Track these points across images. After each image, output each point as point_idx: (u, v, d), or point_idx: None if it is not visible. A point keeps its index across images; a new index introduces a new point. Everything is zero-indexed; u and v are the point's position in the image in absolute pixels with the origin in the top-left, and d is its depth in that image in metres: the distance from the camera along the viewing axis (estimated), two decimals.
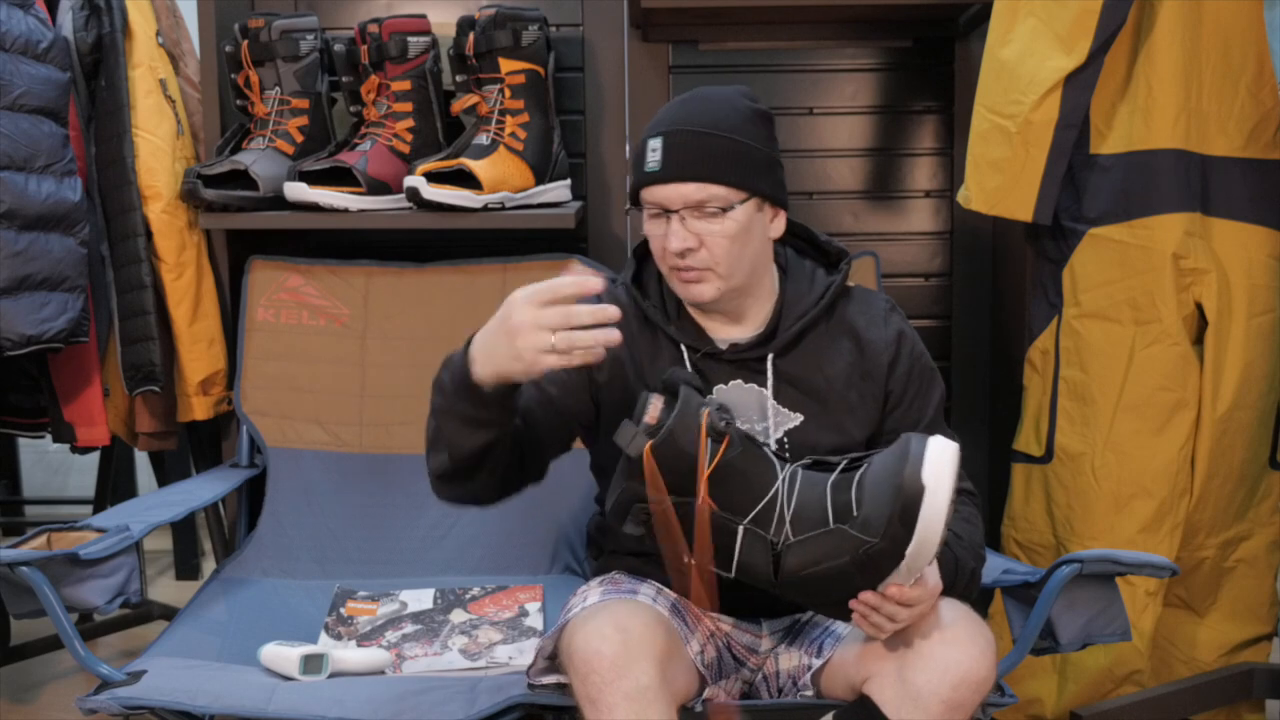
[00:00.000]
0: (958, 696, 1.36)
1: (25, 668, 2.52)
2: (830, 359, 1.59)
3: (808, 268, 1.65)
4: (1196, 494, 1.99)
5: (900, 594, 1.33)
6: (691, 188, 1.49)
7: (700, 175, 1.50)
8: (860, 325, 1.61)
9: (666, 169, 1.50)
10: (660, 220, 1.53)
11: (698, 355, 1.59)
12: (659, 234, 1.53)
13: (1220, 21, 1.94)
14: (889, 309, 1.64)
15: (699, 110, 1.53)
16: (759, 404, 1.58)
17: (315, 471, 2.16)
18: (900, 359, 1.60)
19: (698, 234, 1.50)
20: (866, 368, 1.59)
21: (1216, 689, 2.05)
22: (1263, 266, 1.99)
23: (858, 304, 1.63)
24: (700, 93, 1.57)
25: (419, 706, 1.54)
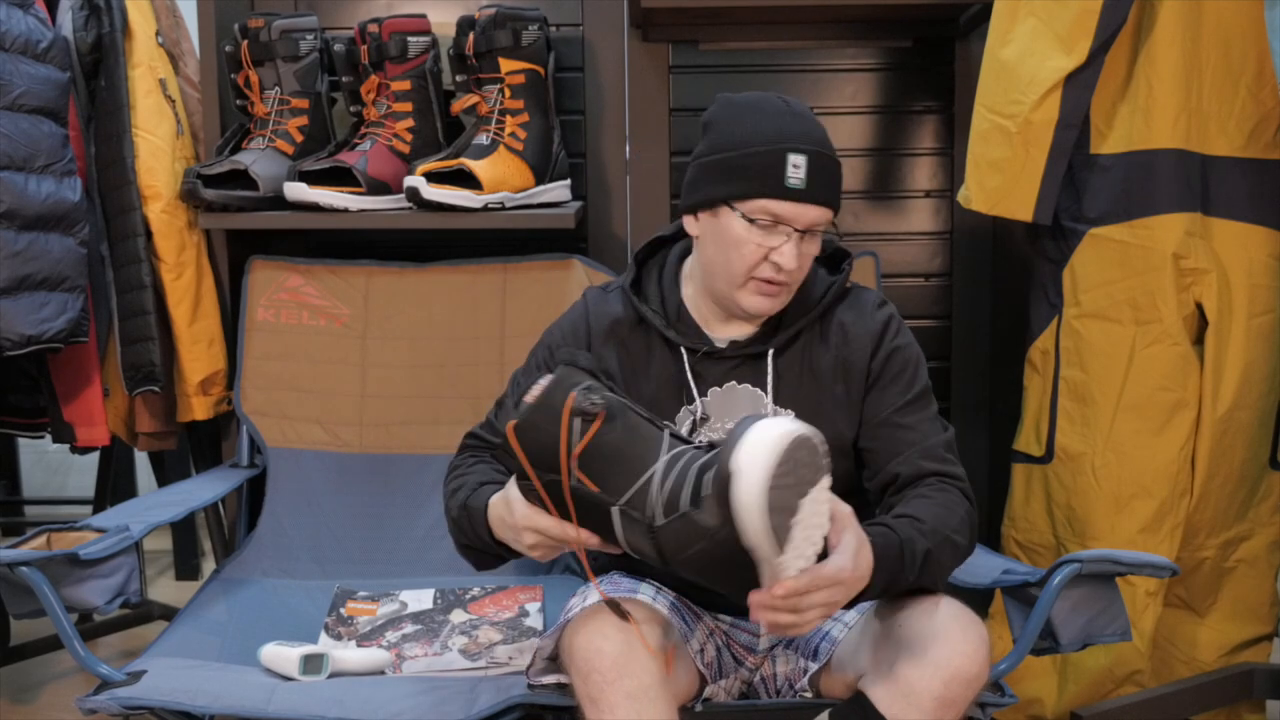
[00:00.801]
0: (950, 693, 1.36)
1: (25, 668, 2.52)
2: (820, 355, 1.59)
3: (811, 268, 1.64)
4: (1197, 494, 1.99)
5: (786, 589, 1.24)
6: (826, 212, 1.51)
7: (833, 201, 1.52)
8: (849, 320, 1.61)
9: (813, 191, 1.49)
10: (772, 233, 1.50)
11: (696, 356, 1.59)
12: (763, 245, 1.50)
13: (1220, 21, 1.94)
14: (878, 303, 1.63)
15: (817, 129, 1.52)
16: (752, 404, 1.58)
17: (315, 471, 2.16)
18: (882, 345, 1.59)
19: (804, 252, 1.52)
20: (852, 360, 1.58)
21: (1217, 689, 2.05)
22: (1263, 266, 1.98)
23: (849, 301, 1.63)
24: (797, 106, 1.54)
25: (419, 706, 1.54)
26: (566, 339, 1.64)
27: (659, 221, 2.37)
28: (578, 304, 1.69)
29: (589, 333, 1.63)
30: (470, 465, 1.60)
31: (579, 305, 1.68)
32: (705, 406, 1.59)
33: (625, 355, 1.61)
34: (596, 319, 1.64)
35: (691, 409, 1.59)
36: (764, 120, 1.51)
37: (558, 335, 1.66)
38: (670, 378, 1.60)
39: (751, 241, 1.50)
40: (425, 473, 2.16)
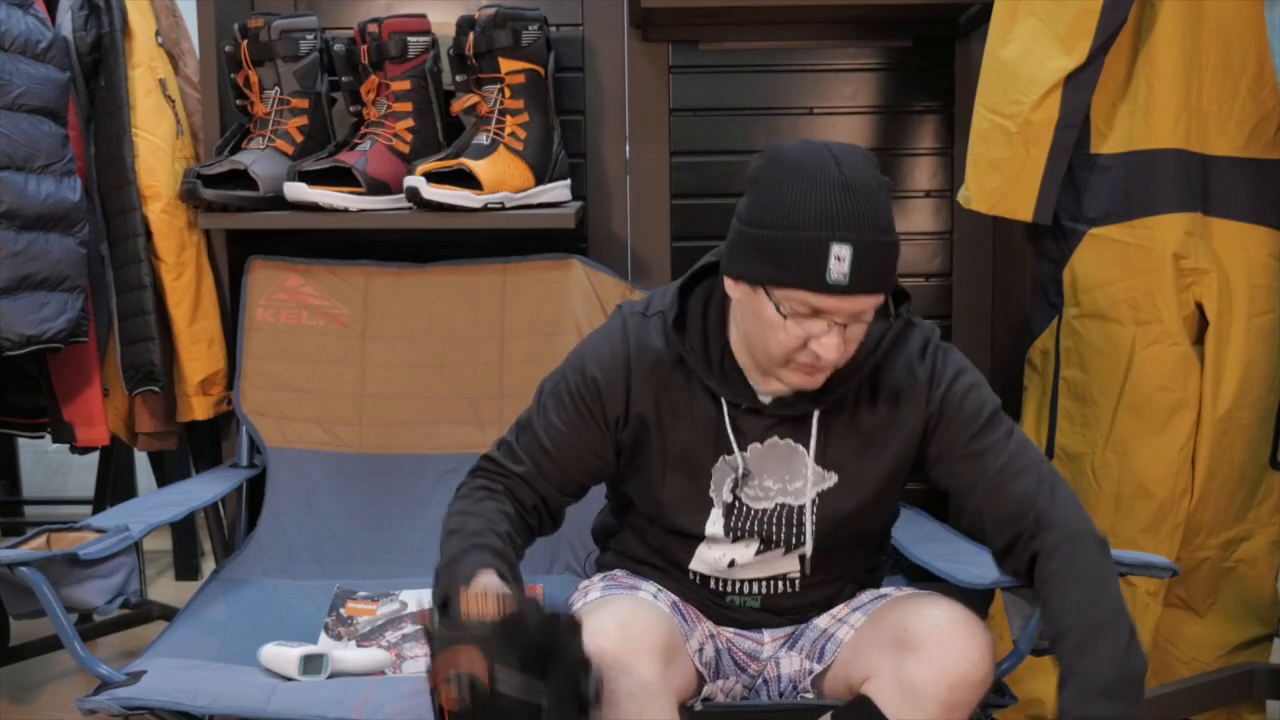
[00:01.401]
0: (955, 697, 1.36)
1: (25, 668, 2.51)
2: (867, 413, 1.51)
3: None
4: (1197, 494, 1.98)
5: None
6: (874, 300, 1.37)
7: (881, 288, 1.37)
8: (898, 374, 1.50)
9: (857, 283, 1.33)
10: (812, 322, 1.36)
11: (738, 410, 1.50)
12: (802, 333, 1.37)
13: (1221, 21, 1.94)
14: (921, 347, 1.52)
15: (872, 208, 1.34)
16: (795, 464, 1.51)
17: (315, 471, 2.16)
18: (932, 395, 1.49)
19: (850, 340, 1.40)
20: (903, 416, 1.50)
21: (1217, 689, 2.05)
22: (1263, 266, 1.98)
23: (898, 349, 1.51)
24: (853, 173, 1.35)
25: (419, 706, 1.54)
26: (604, 379, 1.51)
27: (659, 221, 2.38)
28: (616, 328, 1.54)
29: (629, 369, 1.51)
30: (479, 500, 1.52)
31: (618, 331, 1.54)
32: (746, 462, 1.51)
33: (665, 396, 1.51)
34: (638, 354, 1.51)
35: (732, 463, 1.50)
36: (810, 197, 1.33)
37: (593, 367, 1.52)
38: (709, 426, 1.50)
39: (788, 330, 1.37)
40: (425, 473, 2.16)
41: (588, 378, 1.52)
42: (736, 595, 1.58)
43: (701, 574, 1.58)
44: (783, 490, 1.52)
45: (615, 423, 1.52)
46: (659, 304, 1.54)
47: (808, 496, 1.52)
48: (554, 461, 1.53)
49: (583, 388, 1.52)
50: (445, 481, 2.14)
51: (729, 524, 1.53)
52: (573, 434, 1.52)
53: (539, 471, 1.54)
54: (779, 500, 1.52)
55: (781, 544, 1.54)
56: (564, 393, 1.53)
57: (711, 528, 1.53)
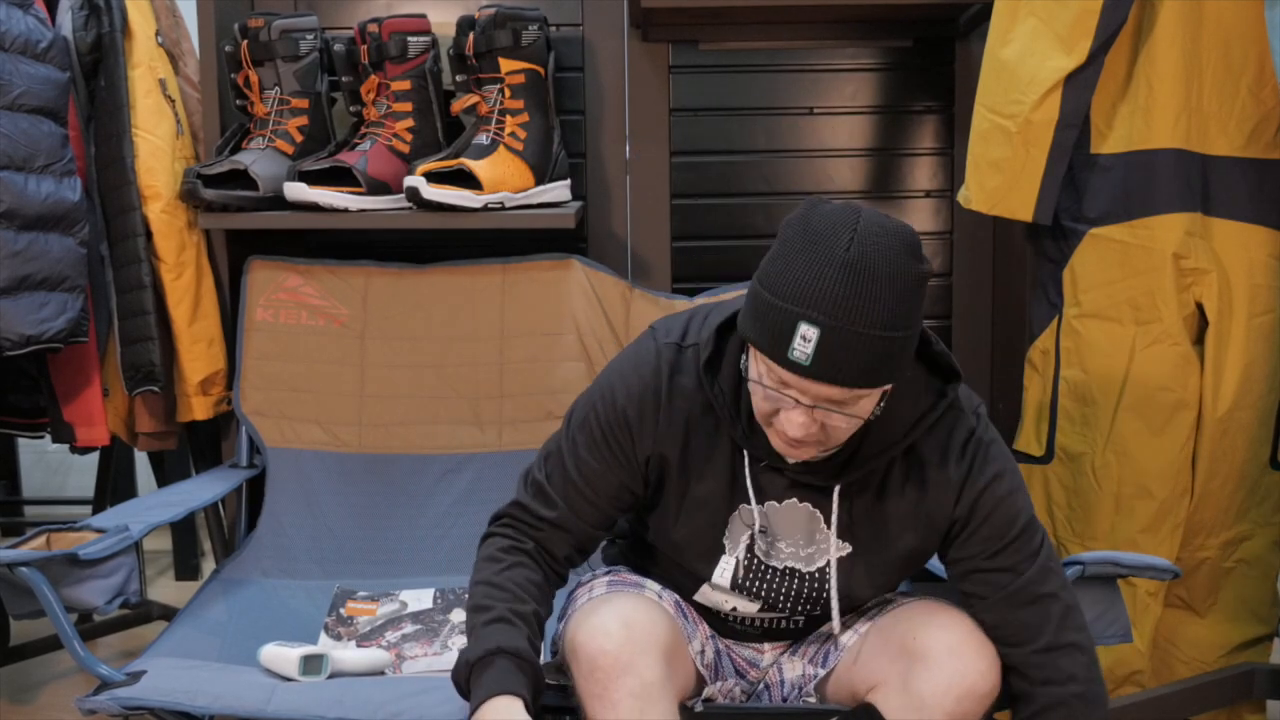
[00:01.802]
0: (962, 709, 1.35)
1: (25, 668, 2.51)
2: (893, 497, 1.44)
3: (910, 387, 1.40)
4: (1197, 494, 1.98)
5: None
6: (837, 391, 1.27)
7: (853, 381, 1.26)
8: (931, 462, 1.42)
9: (818, 367, 1.25)
10: (780, 395, 1.31)
11: (760, 466, 1.44)
12: (771, 405, 1.32)
13: (1221, 21, 1.93)
14: (964, 439, 1.42)
15: (865, 293, 1.23)
16: (810, 528, 1.46)
17: (315, 472, 2.16)
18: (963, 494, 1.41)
19: (822, 422, 1.31)
20: (929, 510, 1.43)
21: (1217, 689, 2.05)
22: (1263, 266, 1.98)
23: (937, 433, 1.42)
24: (864, 253, 1.24)
25: (419, 706, 1.54)
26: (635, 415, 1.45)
27: (659, 221, 2.38)
28: (649, 357, 1.46)
29: (658, 407, 1.44)
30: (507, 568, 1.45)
31: (650, 361, 1.46)
32: (764, 517, 1.46)
33: (691, 439, 1.45)
34: (669, 393, 1.44)
35: (747, 515, 1.46)
36: (803, 267, 1.25)
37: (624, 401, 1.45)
38: (730, 478, 1.45)
39: (762, 395, 1.33)
40: (425, 473, 2.16)
41: (619, 410, 1.45)
42: (738, 625, 1.57)
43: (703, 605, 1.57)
44: (795, 555, 1.48)
45: (645, 460, 1.46)
46: (695, 335, 1.46)
47: (820, 564, 1.47)
48: (586, 499, 1.48)
49: (614, 423, 1.45)
50: (445, 481, 2.15)
51: (737, 576, 1.49)
52: (605, 470, 1.46)
53: (572, 512, 1.48)
54: (789, 564, 1.48)
55: (787, 610, 1.51)
56: (594, 425, 1.47)
57: (719, 576, 1.49)
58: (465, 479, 2.14)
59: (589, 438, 1.47)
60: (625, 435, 1.45)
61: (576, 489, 1.47)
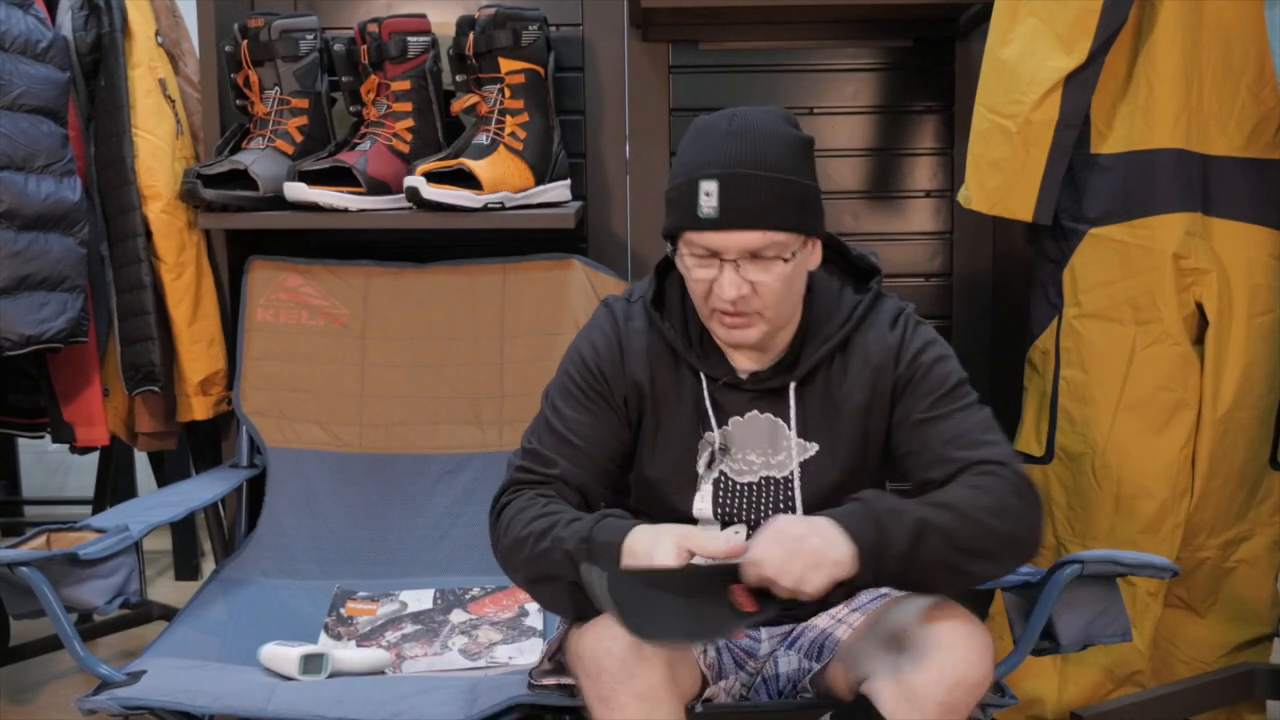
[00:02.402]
0: (954, 698, 1.36)
1: (25, 668, 2.51)
2: (842, 385, 1.53)
3: (834, 286, 1.56)
4: (1197, 494, 1.98)
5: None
6: (752, 236, 1.40)
7: (761, 223, 1.40)
8: (870, 344, 1.53)
9: (726, 216, 1.39)
10: (709, 265, 1.43)
11: (717, 385, 1.53)
12: (706, 278, 1.43)
13: (1221, 21, 1.93)
14: (893, 318, 1.55)
15: (752, 146, 1.41)
16: (775, 436, 1.53)
17: (315, 472, 2.16)
18: (900, 359, 1.52)
19: (751, 280, 1.42)
20: (876, 384, 1.52)
21: (1217, 689, 2.05)
22: (1263, 266, 1.98)
23: (869, 321, 1.54)
24: (745, 123, 1.43)
25: (419, 706, 1.54)
26: (604, 362, 1.54)
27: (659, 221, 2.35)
28: (605, 317, 1.58)
29: (623, 355, 1.54)
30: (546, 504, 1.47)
31: (607, 320, 1.58)
32: (726, 437, 1.53)
33: (657, 376, 1.54)
34: (628, 337, 1.55)
35: (709, 439, 1.53)
36: (696, 149, 1.44)
37: (591, 355, 1.55)
38: (694, 406, 1.54)
39: (700, 277, 1.44)
40: (425, 473, 2.16)
41: (589, 365, 1.54)
42: None
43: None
44: (766, 464, 1.54)
45: (624, 400, 1.54)
46: (640, 291, 1.59)
47: (791, 468, 1.54)
48: (582, 453, 1.51)
49: (588, 376, 1.54)
50: (445, 481, 2.15)
51: (716, 500, 1.54)
52: (593, 421, 1.52)
53: (574, 466, 1.51)
54: (763, 474, 1.54)
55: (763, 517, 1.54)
56: (571, 386, 1.54)
57: (700, 505, 1.54)
58: (465, 479, 2.14)
59: (568, 397, 1.54)
60: (601, 383, 1.53)
61: (571, 446, 1.51)
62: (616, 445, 1.55)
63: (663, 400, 1.54)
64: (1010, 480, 1.42)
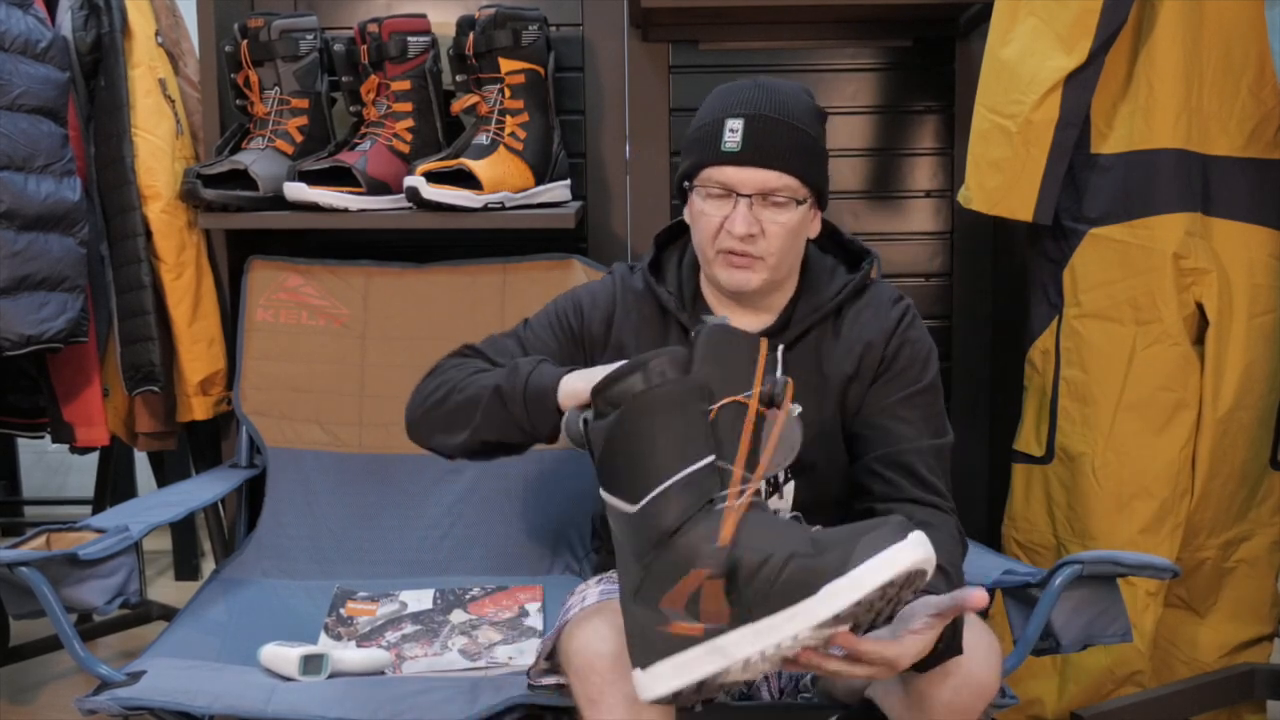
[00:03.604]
0: (960, 701, 1.35)
1: (24, 668, 2.51)
2: (832, 357, 1.57)
3: (829, 264, 1.64)
4: (1197, 494, 1.98)
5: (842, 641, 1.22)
6: (771, 175, 1.49)
7: (780, 163, 1.49)
8: (865, 318, 1.59)
9: (749, 151, 1.49)
10: (724, 201, 1.51)
11: None
12: (718, 214, 1.51)
13: (1221, 21, 1.94)
14: (894, 299, 1.61)
15: (777, 98, 1.51)
16: None
17: (315, 472, 2.16)
18: (893, 338, 1.57)
19: (761, 221, 1.50)
20: (865, 357, 1.57)
21: (1217, 689, 2.05)
22: (1264, 266, 1.98)
23: (866, 299, 1.61)
24: (769, 82, 1.55)
25: (419, 706, 1.54)
26: (590, 306, 1.65)
27: (659, 221, 2.37)
28: (607, 279, 1.70)
29: (614, 305, 1.64)
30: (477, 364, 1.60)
31: (609, 279, 1.69)
32: None
33: (644, 331, 1.62)
34: (623, 292, 1.65)
35: None
36: (720, 97, 1.55)
37: (586, 300, 1.67)
38: None
39: (712, 213, 1.52)
40: (425, 473, 2.15)
41: (575, 301, 1.66)
42: None
43: None
44: None
45: (592, 341, 1.63)
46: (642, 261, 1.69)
47: None
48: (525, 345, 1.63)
49: (568, 308, 1.65)
50: (445, 481, 2.15)
51: None
52: (556, 348, 1.62)
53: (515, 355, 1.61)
54: None
55: None
56: (550, 311, 1.67)
57: None
58: (465, 479, 2.14)
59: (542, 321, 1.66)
60: (577, 316, 1.64)
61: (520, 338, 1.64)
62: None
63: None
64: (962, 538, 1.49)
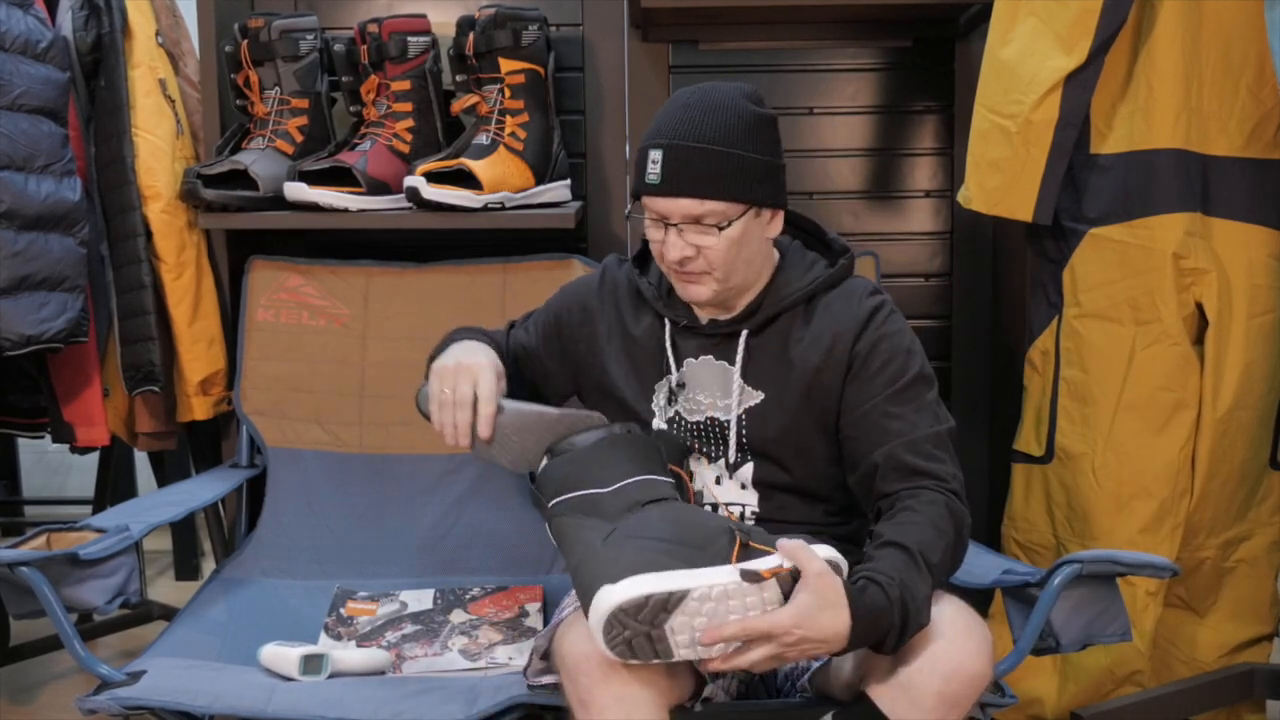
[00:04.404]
0: (952, 690, 1.35)
1: (25, 668, 2.51)
2: (800, 344, 1.59)
3: (808, 260, 1.67)
4: (1197, 494, 1.99)
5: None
6: (689, 203, 1.52)
7: (698, 191, 1.52)
8: (835, 308, 1.60)
9: (666, 183, 1.52)
10: (659, 227, 1.56)
11: (677, 328, 1.66)
12: (656, 239, 1.58)
13: (1221, 21, 1.94)
14: (868, 292, 1.62)
15: (700, 120, 1.52)
16: (723, 380, 1.62)
17: (315, 471, 2.16)
18: (865, 333, 1.57)
19: (695, 244, 1.54)
20: (833, 346, 1.57)
21: (1217, 689, 2.05)
22: (1263, 266, 1.98)
23: (840, 290, 1.62)
24: (703, 97, 1.55)
25: (419, 706, 1.54)
26: (577, 294, 1.76)
27: None
28: (599, 270, 1.78)
29: (598, 291, 1.74)
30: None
31: (600, 271, 1.78)
32: (681, 374, 1.65)
33: (620, 318, 1.70)
34: (602, 280, 1.75)
35: (669, 378, 1.65)
36: (657, 118, 1.57)
37: (569, 293, 1.78)
38: (654, 347, 1.67)
39: (654, 237, 1.58)
40: (425, 473, 2.16)
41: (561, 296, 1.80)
42: None
43: None
44: (713, 405, 1.63)
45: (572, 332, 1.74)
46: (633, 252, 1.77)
47: (734, 413, 1.61)
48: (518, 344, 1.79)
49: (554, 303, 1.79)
50: (445, 481, 2.15)
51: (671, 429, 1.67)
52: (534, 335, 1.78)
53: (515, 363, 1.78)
54: (709, 414, 1.63)
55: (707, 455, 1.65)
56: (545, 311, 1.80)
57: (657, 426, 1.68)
58: (465, 479, 2.14)
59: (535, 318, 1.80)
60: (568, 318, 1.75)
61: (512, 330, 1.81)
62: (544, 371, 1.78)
63: (624, 341, 1.69)
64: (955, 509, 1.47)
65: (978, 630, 1.39)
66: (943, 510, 1.45)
